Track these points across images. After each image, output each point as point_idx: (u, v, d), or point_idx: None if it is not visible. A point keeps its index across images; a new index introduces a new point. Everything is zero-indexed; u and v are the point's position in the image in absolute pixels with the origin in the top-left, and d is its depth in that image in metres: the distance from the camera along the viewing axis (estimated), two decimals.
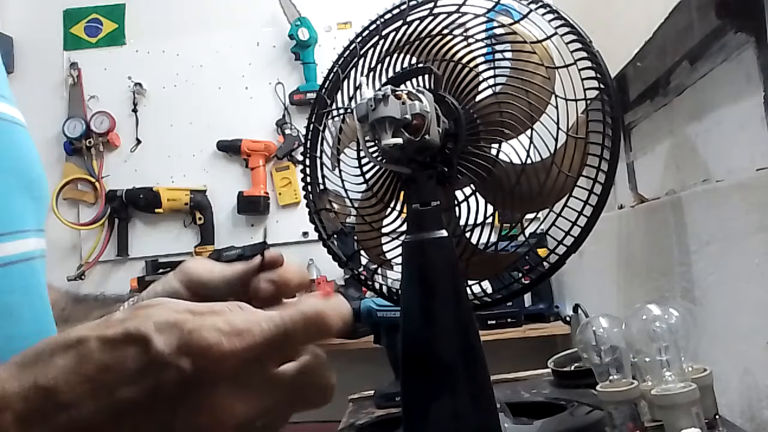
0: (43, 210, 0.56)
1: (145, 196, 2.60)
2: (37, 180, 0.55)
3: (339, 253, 0.87)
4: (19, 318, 0.47)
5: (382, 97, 0.66)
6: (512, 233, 0.79)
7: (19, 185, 0.52)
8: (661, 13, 0.90)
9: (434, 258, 0.69)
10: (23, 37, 2.78)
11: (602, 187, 0.71)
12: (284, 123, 2.67)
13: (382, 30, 0.83)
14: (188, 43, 2.74)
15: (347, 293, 2.26)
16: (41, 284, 0.52)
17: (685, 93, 0.96)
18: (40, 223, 0.55)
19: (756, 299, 0.73)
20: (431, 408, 0.66)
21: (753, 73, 0.73)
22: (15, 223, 0.49)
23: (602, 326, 0.69)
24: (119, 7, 2.80)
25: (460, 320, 0.68)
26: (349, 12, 2.65)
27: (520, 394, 1.02)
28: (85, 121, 2.67)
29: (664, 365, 0.64)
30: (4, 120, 0.52)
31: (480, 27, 0.77)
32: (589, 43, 0.71)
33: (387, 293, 0.86)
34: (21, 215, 0.51)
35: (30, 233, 0.52)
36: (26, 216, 0.52)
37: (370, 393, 1.15)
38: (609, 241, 1.33)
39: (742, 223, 0.74)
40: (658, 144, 1.10)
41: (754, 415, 0.74)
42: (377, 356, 1.20)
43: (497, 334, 2.07)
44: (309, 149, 0.88)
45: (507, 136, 0.74)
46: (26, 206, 0.52)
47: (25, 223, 0.51)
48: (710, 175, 0.88)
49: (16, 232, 0.49)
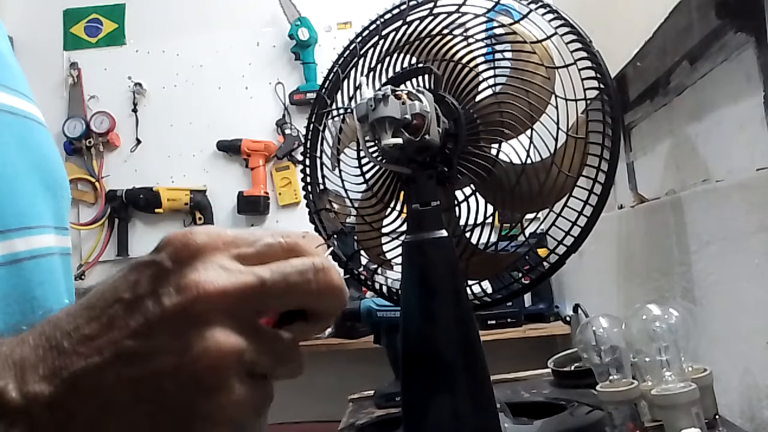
0: (64, 209, 0.56)
1: (145, 196, 2.60)
2: (60, 180, 0.56)
3: (339, 253, 0.87)
4: (32, 313, 0.47)
5: (382, 97, 0.66)
6: (512, 233, 0.79)
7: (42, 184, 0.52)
8: (661, 13, 0.90)
9: (434, 258, 0.69)
10: (23, 37, 2.77)
11: (602, 187, 0.71)
12: (284, 123, 2.67)
13: (382, 30, 0.83)
14: (188, 43, 2.74)
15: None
16: (59, 281, 0.52)
17: (685, 93, 0.96)
18: (62, 221, 0.55)
19: (756, 299, 0.73)
20: (431, 408, 0.66)
21: (753, 73, 0.73)
22: (32, 218, 0.50)
23: (602, 326, 0.69)
24: (119, 7, 2.80)
25: (460, 320, 0.68)
26: (349, 12, 2.65)
27: (520, 394, 1.02)
28: (85, 121, 2.67)
29: (664, 365, 0.64)
30: (30, 119, 0.53)
31: (480, 27, 0.77)
32: (589, 43, 0.71)
33: (387, 293, 0.86)
34: (40, 212, 0.51)
35: (48, 230, 0.52)
36: (45, 213, 0.52)
37: (370, 393, 1.15)
38: (609, 241, 1.33)
39: (742, 223, 0.74)
40: (658, 144, 1.10)
41: (754, 415, 0.74)
42: (377, 356, 1.20)
43: (497, 334, 2.07)
44: (309, 149, 0.88)
45: (507, 136, 0.74)
46: (47, 204, 0.52)
47: (43, 219, 0.51)
48: (710, 175, 0.88)
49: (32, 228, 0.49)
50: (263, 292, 0.33)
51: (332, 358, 2.37)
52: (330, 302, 0.36)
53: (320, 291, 0.34)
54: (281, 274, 0.34)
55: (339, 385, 1.52)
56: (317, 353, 2.29)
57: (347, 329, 2.20)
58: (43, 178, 0.53)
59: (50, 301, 0.33)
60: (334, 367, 2.37)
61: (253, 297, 0.33)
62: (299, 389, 2.53)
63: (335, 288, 0.35)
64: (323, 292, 0.35)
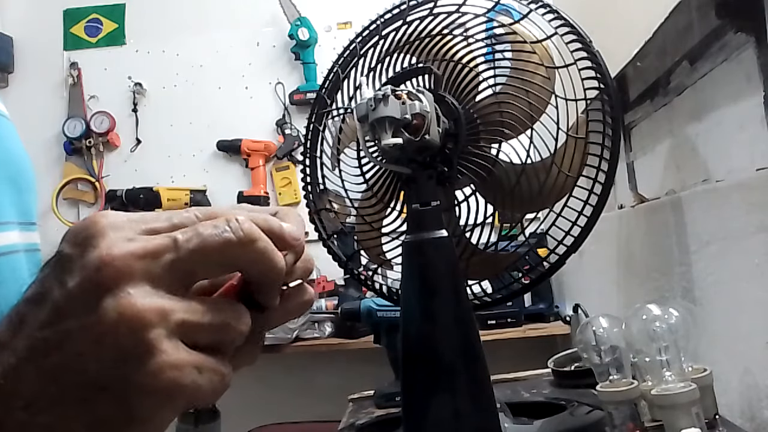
0: (30, 202, 0.54)
1: (145, 196, 2.60)
2: (24, 173, 0.54)
3: (339, 253, 0.87)
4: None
5: (382, 97, 0.66)
6: (512, 233, 0.79)
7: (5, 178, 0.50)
8: (661, 13, 0.90)
9: (434, 258, 0.69)
10: (23, 37, 2.77)
11: (602, 187, 0.71)
12: (284, 123, 2.67)
13: (382, 30, 0.83)
14: (188, 43, 2.74)
15: (347, 293, 2.26)
16: (22, 279, 0.49)
17: (685, 93, 0.96)
18: (28, 216, 0.54)
19: (756, 299, 0.73)
20: (431, 408, 0.66)
21: (753, 73, 0.73)
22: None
23: (602, 326, 0.69)
24: (119, 7, 2.80)
25: (460, 320, 0.68)
26: (349, 12, 2.65)
27: (520, 394, 1.02)
28: (85, 121, 2.67)
29: (664, 365, 0.64)
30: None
31: (480, 27, 0.77)
32: (589, 43, 0.71)
33: (387, 293, 0.86)
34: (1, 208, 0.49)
35: (11, 226, 0.50)
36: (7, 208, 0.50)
37: (370, 393, 1.15)
38: (609, 241, 1.33)
39: (742, 223, 0.74)
40: (658, 144, 1.10)
41: (754, 415, 0.74)
42: (377, 356, 1.20)
43: (497, 334, 2.07)
44: (309, 149, 0.88)
45: (507, 136, 0.74)
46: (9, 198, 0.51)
47: (5, 215, 0.50)
48: (710, 175, 0.88)
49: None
50: (177, 249, 0.31)
51: (332, 358, 2.37)
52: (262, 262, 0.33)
53: (243, 243, 0.32)
54: (194, 231, 0.31)
55: (339, 385, 1.52)
56: (317, 353, 2.29)
57: (347, 329, 2.21)
58: (6, 171, 0.51)
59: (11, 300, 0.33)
60: (334, 367, 2.37)
61: (168, 257, 0.31)
62: (299, 389, 2.54)
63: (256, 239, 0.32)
64: (246, 244, 0.32)
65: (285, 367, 2.47)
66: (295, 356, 2.34)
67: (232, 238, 0.31)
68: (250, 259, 0.33)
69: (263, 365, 2.56)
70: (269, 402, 2.43)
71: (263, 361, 2.08)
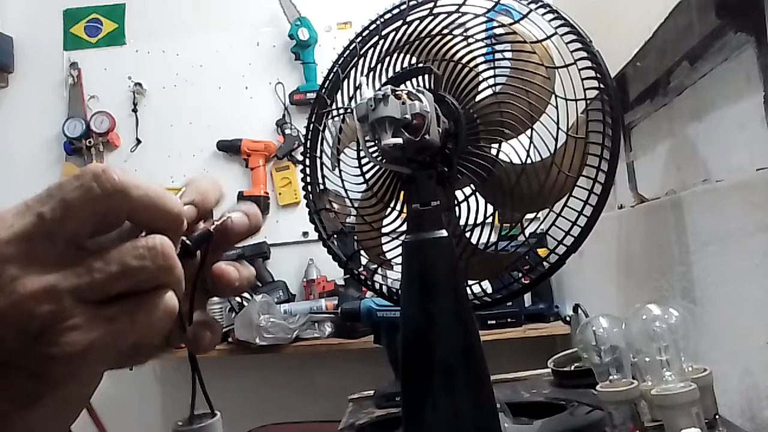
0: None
1: None
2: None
3: (339, 253, 0.87)
4: None
5: (382, 97, 0.66)
6: (512, 233, 0.79)
7: None
8: (661, 13, 0.90)
9: (434, 258, 0.69)
10: (23, 37, 2.78)
11: (602, 187, 0.71)
12: (284, 123, 2.67)
13: (382, 30, 0.83)
14: (188, 43, 2.74)
15: (347, 293, 2.26)
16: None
17: (685, 93, 0.96)
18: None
19: (756, 299, 0.73)
20: (431, 408, 0.66)
21: (753, 73, 0.73)
22: None
23: (602, 326, 0.69)
24: (119, 7, 2.80)
25: (460, 320, 0.68)
26: (349, 12, 2.65)
27: (520, 394, 1.02)
28: (85, 121, 2.68)
29: (664, 365, 0.64)
30: None
31: (480, 27, 0.77)
32: (589, 43, 0.71)
33: (387, 293, 0.86)
34: None
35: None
36: None
37: (370, 393, 1.15)
38: (609, 241, 1.33)
39: (742, 223, 0.74)
40: (658, 144, 1.10)
41: (754, 415, 0.74)
42: (377, 356, 1.20)
43: (497, 334, 2.07)
44: (309, 149, 0.88)
45: (507, 136, 0.74)
46: None
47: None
48: (710, 175, 0.88)
49: None
50: (44, 223, 0.31)
51: (332, 358, 2.37)
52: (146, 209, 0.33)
53: (109, 194, 0.32)
54: (59, 197, 0.31)
55: (339, 385, 1.52)
56: (317, 353, 2.29)
57: (347, 329, 2.21)
58: None
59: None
60: (334, 367, 2.37)
61: (38, 231, 0.31)
62: (299, 389, 2.54)
63: (126, 188, 0.33)
64: (114, 195, 0.32)
65: (285, 367, 2.48)
66: (295, 356, 2.35)
67: (97, 192, 0.32)
68: (130, 208, 0.33)
69: (263, 365, 2.56)
70: (269, 402, 2.43)
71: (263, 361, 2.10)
